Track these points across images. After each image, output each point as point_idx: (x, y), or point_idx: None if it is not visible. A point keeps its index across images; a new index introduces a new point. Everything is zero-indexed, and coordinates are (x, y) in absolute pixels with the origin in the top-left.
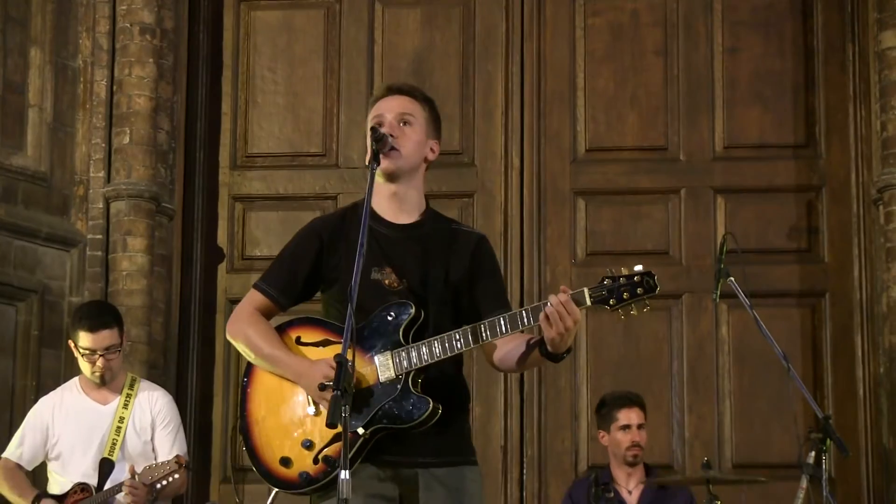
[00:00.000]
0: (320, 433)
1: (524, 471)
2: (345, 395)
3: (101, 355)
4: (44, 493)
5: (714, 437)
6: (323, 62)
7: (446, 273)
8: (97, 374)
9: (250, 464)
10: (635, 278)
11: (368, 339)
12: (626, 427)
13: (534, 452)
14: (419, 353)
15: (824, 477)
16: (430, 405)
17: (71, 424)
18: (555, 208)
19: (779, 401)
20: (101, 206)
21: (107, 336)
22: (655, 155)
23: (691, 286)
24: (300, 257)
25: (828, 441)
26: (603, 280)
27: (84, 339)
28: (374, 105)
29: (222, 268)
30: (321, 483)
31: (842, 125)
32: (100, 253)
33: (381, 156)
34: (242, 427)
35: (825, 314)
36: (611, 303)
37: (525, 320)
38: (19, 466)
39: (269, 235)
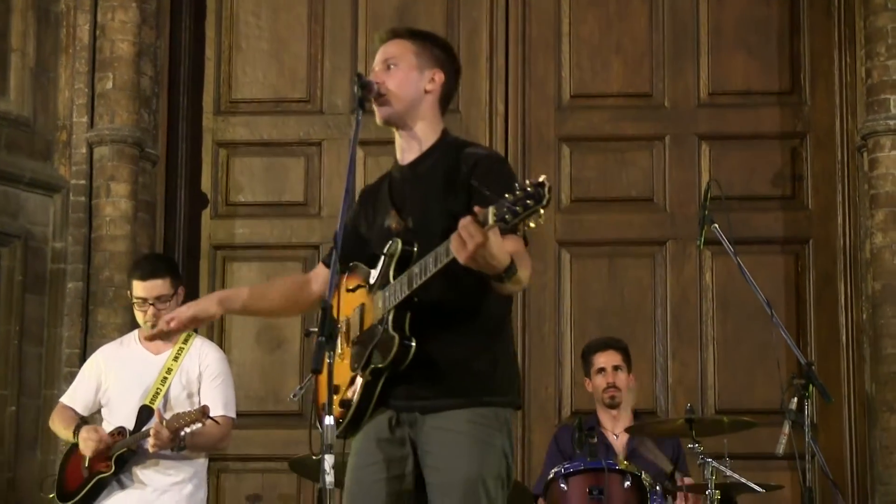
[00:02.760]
0: (343, 376)
1: None
2: (329, 340)
3: (151, 304)
4: (84, 423)
5: (697, 384)
6: (307, 7)
7: (445, 204)
8: (148, 323)
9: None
10: (528, 189)
11: (375, 280)
12: (602, 370)
13: None
14: (393, 290)
15: (807, 423)
16: (396, 343)
17: (121, 372)
18: (539, 155)
19: (762, 347)
20: (84, 151)
21: (158, 285)
22: (640, 102)
23: (675, 233)
24: (349, 226)
25: (810, 387)
26: (505, 195)
27: (136, 287)
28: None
29: (206, 214)
30: (343, 426)
31: (827, 72)
32: (83, 198)
33: (374, 106)
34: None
35: (809, 261)
36: (507, 219)
37: (444, 254)
38: (73, 410)
39: (252, 181)
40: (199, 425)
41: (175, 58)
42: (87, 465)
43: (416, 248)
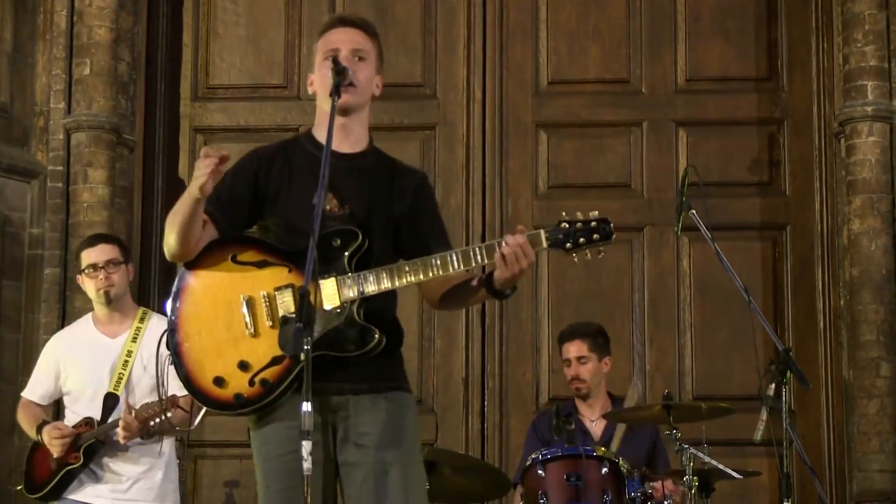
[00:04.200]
0: (257, 354)
1: (485, 403)
2: (307, 327)
3: (102, 268)
4: (46, 422)
5: (675, 370)
6: None
7: (389, 206)
8: (101, 290)
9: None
10: (592, 224)
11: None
12: (567, 361)
13: (495, 385)
14: (366, 283)
15: (784, 409)
16: (377, 335)
17: (80, 359)
18: (517, 141)
19: (739, 333)
20: (61, 137)
21: (108, 249)
22: (617, 87)
23: (653, 219)
24: (238, 178)
25: (788, 373)
26: (560, 223)
27: (87, 255)
28: (325, 35)
29: None
30: (256, 406)
31: (804, 58)
32: (60, 184)
33: (340, 89)
34: (171, 342)
35: (786, 247)
36: (567, 247)
37: (478, 258)
38: (36, 403)
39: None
40: (168, 415)
41: (152, 44)
42: (55, 456)
43: (367, 243)
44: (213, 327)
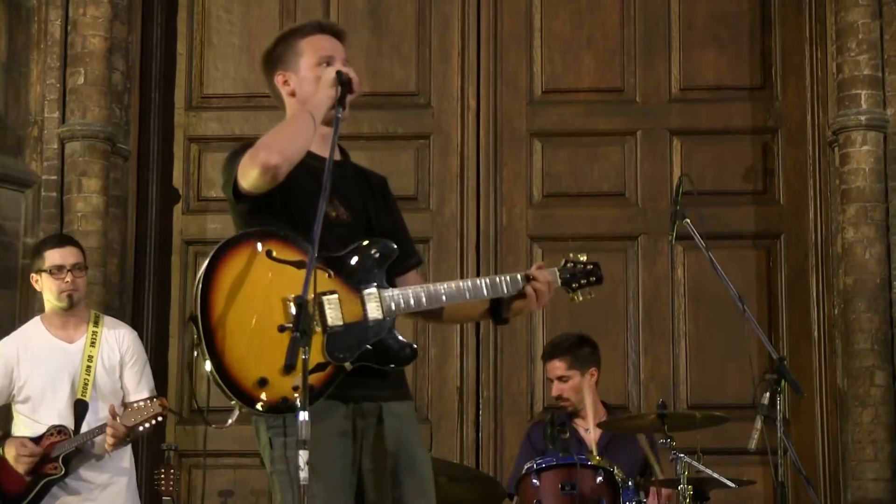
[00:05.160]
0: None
1: (480, 412)
2: (304, 336)
3: (69, 271)
4: (7, 435)
5: (669, 379)
6: (278, 2)
7: (378, 213)
8: (65, 293)
9: (213, 380)
10: (588, 267)
11: (352, 272)
12: (550, 380)
13: (490, 394)
14: (406, 299)
15: (779, 417)
16: (416, 350)
17: (38, 365)
18: (511, 150)
19: (734, 342)
20: (55, 146)
21: (75, 252)
22: (612, 96)
23: (647, 228)
24: None
25: (782, 382)
26: (566, 263)
27: (52, 256)
28: (312, 39)
29: (178, 209)
30: (297, 411)
31: (798, 67)
32: (55, 194)
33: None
34: (205, 330)
35: (780, 256)
36: (573, 286)
37: (504, 289)
38: None
39: None
40: (160, 419)
41: (147, 53)
42: (23, 472)
43: None
44: (257, 322)
